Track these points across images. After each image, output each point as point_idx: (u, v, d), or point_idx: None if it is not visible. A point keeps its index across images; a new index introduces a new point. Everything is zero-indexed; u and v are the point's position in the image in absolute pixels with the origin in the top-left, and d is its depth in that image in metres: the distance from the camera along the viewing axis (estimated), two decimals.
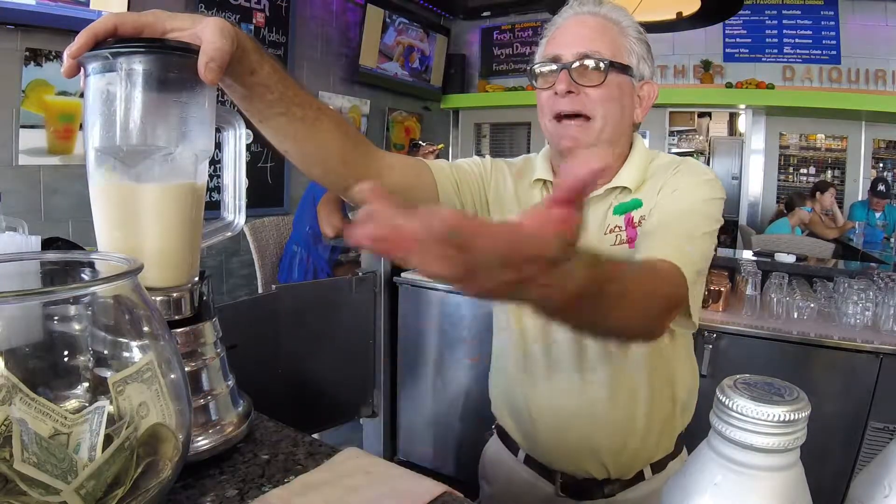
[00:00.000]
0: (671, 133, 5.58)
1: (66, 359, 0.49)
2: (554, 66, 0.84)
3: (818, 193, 4.45)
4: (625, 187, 0.87)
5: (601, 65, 0.81)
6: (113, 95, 0.53)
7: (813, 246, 3.65)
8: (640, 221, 0.85)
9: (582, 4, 0.86)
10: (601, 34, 0.83)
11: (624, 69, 0.83)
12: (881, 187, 4.37)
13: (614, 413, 0.87)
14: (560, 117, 0.84)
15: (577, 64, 0.82)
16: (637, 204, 0.86)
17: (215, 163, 0.70)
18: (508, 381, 0.97)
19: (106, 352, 0.47)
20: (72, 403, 0.48)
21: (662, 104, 4.88)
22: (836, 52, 4.64)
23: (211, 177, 0.81)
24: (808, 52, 4.74)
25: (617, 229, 0.86)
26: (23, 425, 0.38)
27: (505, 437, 1.01)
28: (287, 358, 2.09)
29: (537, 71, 0.87)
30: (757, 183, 5.27)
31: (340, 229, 2.67)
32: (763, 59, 4.86)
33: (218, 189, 0.75)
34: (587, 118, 0.83)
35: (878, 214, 4.43)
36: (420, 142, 4.06)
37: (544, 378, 0.91)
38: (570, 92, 0.82)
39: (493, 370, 1.06)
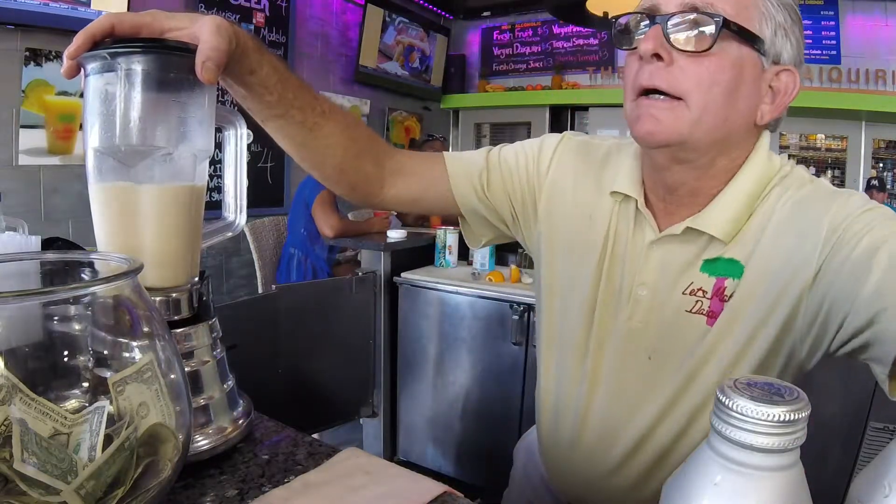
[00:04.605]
0: None
1: (66, 359, 0.49)
2: (646, 21, 0.59)
3: None
4: (712, 237, 0.62)
5: (712, 23, 0.55)
6: (112, 95, 0.53)
7: None
8: (731, 296, 0.61)
9: None
10: None
11: (749, 38, 0.57)
12: (875, 182, 4.40)
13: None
14: (642, 93, 0.60)
15: (677, 19, 0.56)
16: (737, 272, 0.61)
17: (216, 163, 0.70)
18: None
19: (106, 352, 0.47)
20: (72, 403, 0.48)
21: None
22: (836, 52, 4.64)
23: (211, 177, 0.81)
24: (808, 52, 4.73)
25: (700, 293, 0.63)
26: (23, 425, 0.38)
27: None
28: (287, 358, 2.09)
29: (620, 25, 0.62)
30: None
31: (340, 230, 2.68)
32: None
33: (218, 189, 0.75)
34: (678, 100, 0.58)
35: None
36: (432, 135, 4.10)
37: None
38: (657, 57, 0.58)
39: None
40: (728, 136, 0.61)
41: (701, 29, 0.56)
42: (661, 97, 0.59)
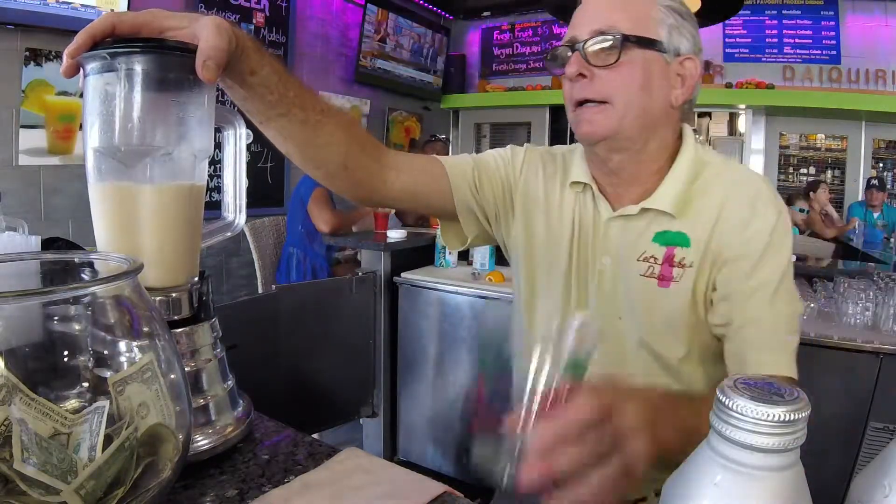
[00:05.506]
0: None
1: (66, 359, 0.49)
2: (568, 50, 0.75)
3: (812, 193, 4.50)
4: (663, 212, 0.77)
5: (614, 40, 0.71)
6: (111, 95, 0.53)
7: (813, 246, 3.65)
8: (681, 263, 0.75)
9: None
10: (622, 6, 0.74)
11: (649, 43, 0.72)
12: (875, 182, 4.42)
13: None
14: (578, 105, 0.77)
15: (590, 43, 0.72)
16: (683, 241, 0.76)
17: (216, 163, 0.70)
18: None
19: (106, 352, 0.47)
20: (72, 403, 0.48)
21: None
22: (836, 52, 4.64)
23: (211, 177, 0.81)
24: (808, 52, 4.74)
25: (652, 260, 0.77)
26: (23, 425, 0.38)
27: None
28: (287, 358, 2.09)
29: (551, 55, 0.79)
30: None
31: (336, 224, 2.68)
32: (763, 59, 4.86)
33: (218, 189, 0.75)
34: (605, 103, 0.74)
35: (876, 214, 4.44)
36: (435, 135, 4.10)
37: None
38: (582, 76, 0.74)
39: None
40: (650, 122, 0.76)
41: (608, 46, 0.72)
42: (592, 104, 0.74)
